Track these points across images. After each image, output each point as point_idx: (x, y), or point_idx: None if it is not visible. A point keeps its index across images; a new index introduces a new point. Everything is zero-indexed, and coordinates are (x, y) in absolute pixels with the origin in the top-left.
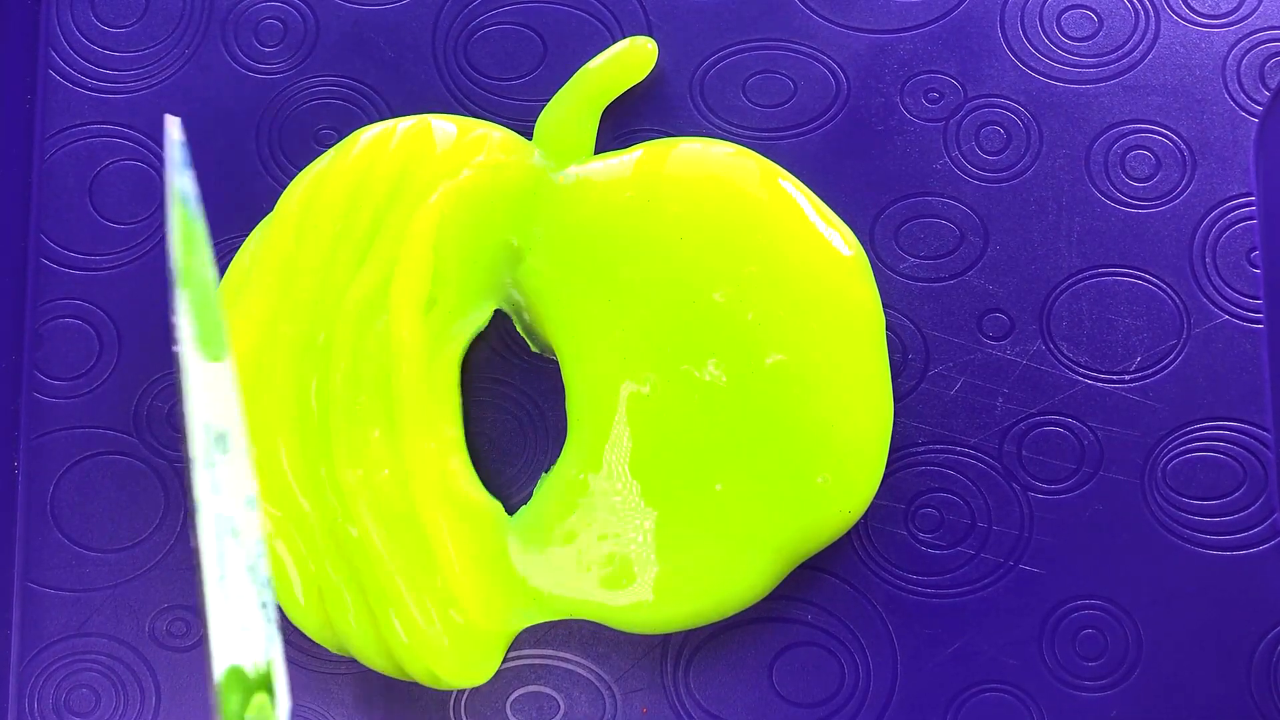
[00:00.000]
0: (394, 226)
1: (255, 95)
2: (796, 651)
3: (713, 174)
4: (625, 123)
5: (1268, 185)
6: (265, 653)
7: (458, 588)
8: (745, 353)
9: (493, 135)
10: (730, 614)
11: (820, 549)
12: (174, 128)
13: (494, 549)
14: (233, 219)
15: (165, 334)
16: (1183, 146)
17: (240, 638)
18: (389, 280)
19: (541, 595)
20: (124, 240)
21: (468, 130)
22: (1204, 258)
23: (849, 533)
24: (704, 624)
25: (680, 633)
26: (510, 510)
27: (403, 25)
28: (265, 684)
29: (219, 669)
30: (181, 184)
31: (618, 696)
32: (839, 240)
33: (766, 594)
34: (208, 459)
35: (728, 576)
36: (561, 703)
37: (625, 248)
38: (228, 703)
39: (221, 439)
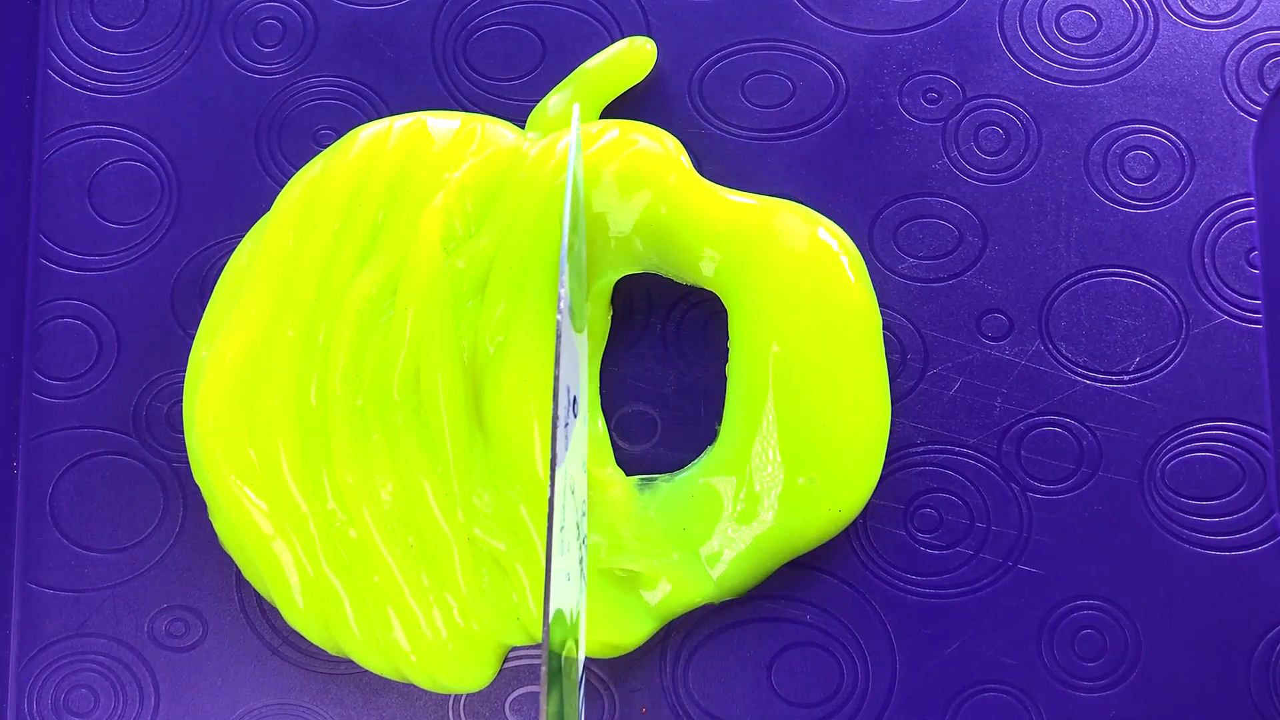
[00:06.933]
0: (396, 225)
1: (254, 95)
2: (796, 651)
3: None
4: None
5: (1266, 185)
6: (578, 605)
7: (465, 593)
8: (737, 353)
9: (484, 126)
10: (707, 603)
11: (811, 548)
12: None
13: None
14: (231, 218)
15: (164, 334)
16: (1181, 147)
17: (565, 586)
18: (391, 279)
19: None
20: (123, 240)
21: (462, 125)
22: (1203, 258)
23: (847, 533)
24: (682, 614)
25: (680, 633)
26: None
27: (402, 25)
28: (574, 632)
29: (551, 610)
30: (576, 166)
31: (617, 696)
32: (835, 241)
33: (751, 588)
34: (565, 418)
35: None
36: None
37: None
38: (553, 638)
39: (574, 402)
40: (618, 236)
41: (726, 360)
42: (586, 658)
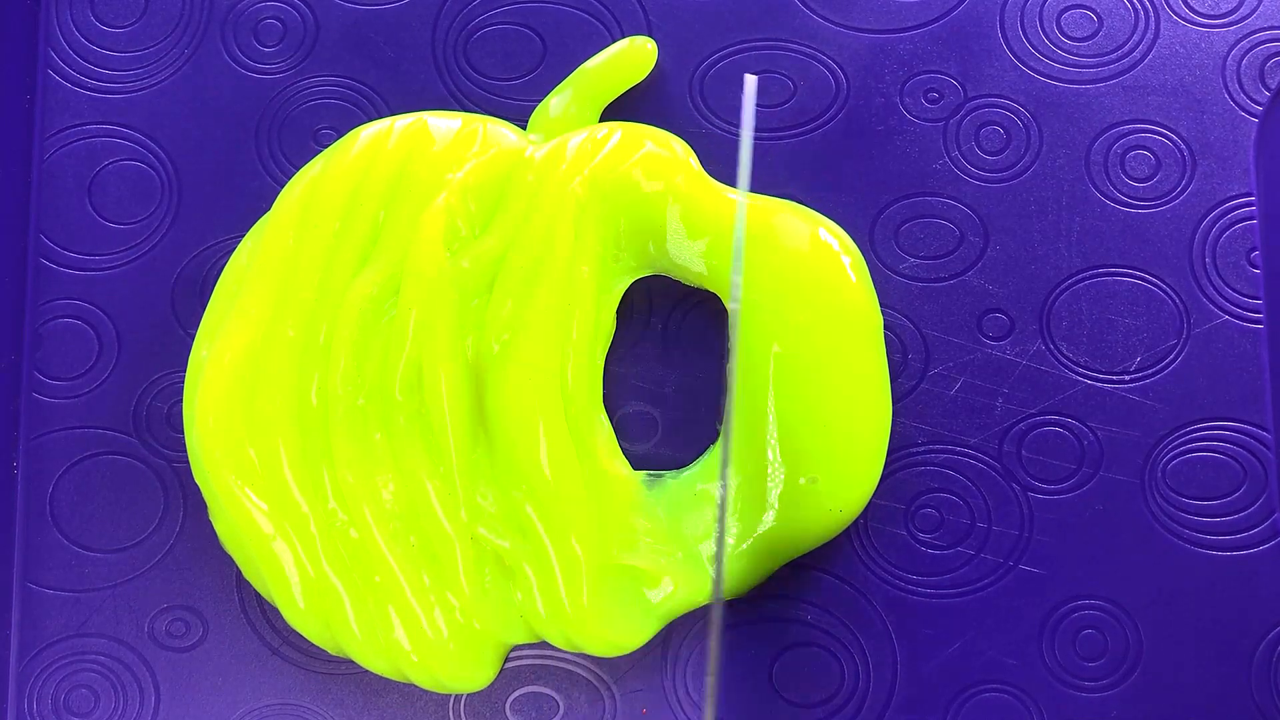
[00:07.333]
0: (398, 225)
1: (255, 95)
2: (796, 651)
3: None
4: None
5: (1267, 185)
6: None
7: (467, 592)
8: (738, 353)
9: (486, 127)
10: (708, 603)
11: (812, 548)
12: (751, 86)
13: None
14: (231, 218)
15: (164, 334)
16: (1183, 146)
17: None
18: (393, 279)
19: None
20: (124, 240)
21: (463, 125)
22: (1204, 258)
23: (848, 532)
24: (683, 614)
25: (680, 633)
26: None
27: (403, 25)
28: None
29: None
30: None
31: (617, 696)
32: (836, 241)
33: (751, 588)
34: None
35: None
36: (561, 703)
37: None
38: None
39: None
40: (629, 240)
41: (727, 360)
42: (587, 657)
